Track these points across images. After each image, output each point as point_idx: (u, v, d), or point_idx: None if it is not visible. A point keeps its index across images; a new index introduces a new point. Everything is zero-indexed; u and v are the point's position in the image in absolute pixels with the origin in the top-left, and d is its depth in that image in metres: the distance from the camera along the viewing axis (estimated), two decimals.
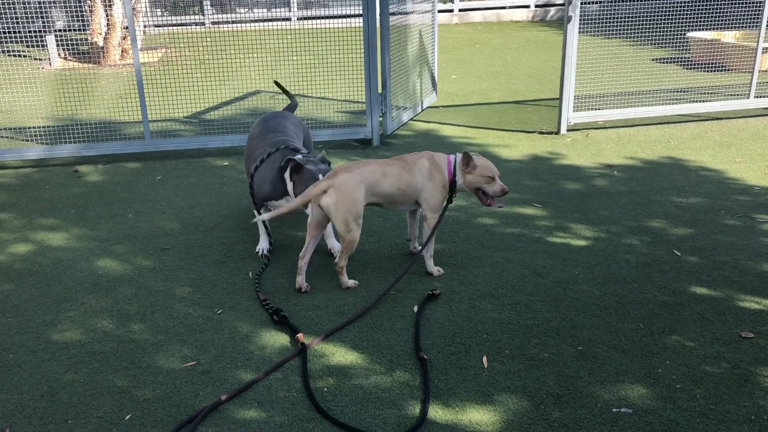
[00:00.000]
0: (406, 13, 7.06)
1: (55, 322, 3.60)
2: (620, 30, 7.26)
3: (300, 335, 3.35)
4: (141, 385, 3.07)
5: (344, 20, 6.70)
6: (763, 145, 6.40)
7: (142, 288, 3.94)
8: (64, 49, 10.16)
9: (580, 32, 6.59)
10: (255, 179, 4.18)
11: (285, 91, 5.41)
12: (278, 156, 4.14)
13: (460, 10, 15.37)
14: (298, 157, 4.00)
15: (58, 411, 2.92)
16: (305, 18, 13.07)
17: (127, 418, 2.86)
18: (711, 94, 7.66)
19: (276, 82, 5.54)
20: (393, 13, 6.58)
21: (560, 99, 6.73)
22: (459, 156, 3.88)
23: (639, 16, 7.55)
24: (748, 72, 7.45)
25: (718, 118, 7.27)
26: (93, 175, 5.92)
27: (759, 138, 6.61)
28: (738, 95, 7.48)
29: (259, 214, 4.25)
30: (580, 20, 6.57)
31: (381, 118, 6.65)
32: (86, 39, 10.63)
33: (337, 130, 6.60)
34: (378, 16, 6.29)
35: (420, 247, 4.24)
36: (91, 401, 2.97)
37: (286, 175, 4.02)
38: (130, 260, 4.28)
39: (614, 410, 2.84)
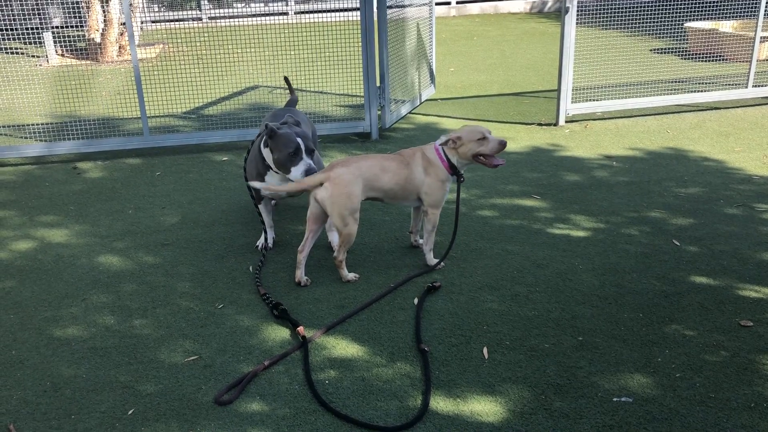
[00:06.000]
0: (403, 6, 7.05)
1: (57, 318, 3.61)
2: (618, 21, 7.26)
3: (300, 328, 3.36)
4: (143, 379, 3.09)
5: (342, 14, 6.69)
6: (762, 134, 6.40)
7: (144, 283, 3.95)
8: (61, 46, 10.15)
9: (577, 23, 6.59)
10: (247, 162, 4.19)
11: (290, 87, 5.42)
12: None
13: (458, 2, 15.35)
14: (274, 124, 3.91)
15: (61, 406, 2.93)
16: (303, 12, 13.06)
17: (130, 412, 2.88)
18: (709, 83, 7.66)
19: (286, 78, 5.54)
20: (390, 6, 6.58)
21: (558, 90, 6.73)
22: (439, 144, 3.86)
23: (636, 7, 7.54)
24: (746, 61, 7.45)
25: (716, 108, 7.28)
26: (93, 171, 5.93)
27: (757, 127, 6.61)
28: (736, 85, 7.48)
29: (257, 208, 4.25)
30: (578, 11, 6.56)
31: (379, 112, 6.65)
32: (83, 36, 10.62)
33: (336, 124, 6.60)
34: (375, 9, 6.28)
35: (421, 241, 4.26)
36: (94, 396, 2.99)
37: (262, 146, 3.93)
38: (130, 256, 4.29)
39: (615, 399, 2.85)
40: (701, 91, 7.34)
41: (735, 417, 2.73)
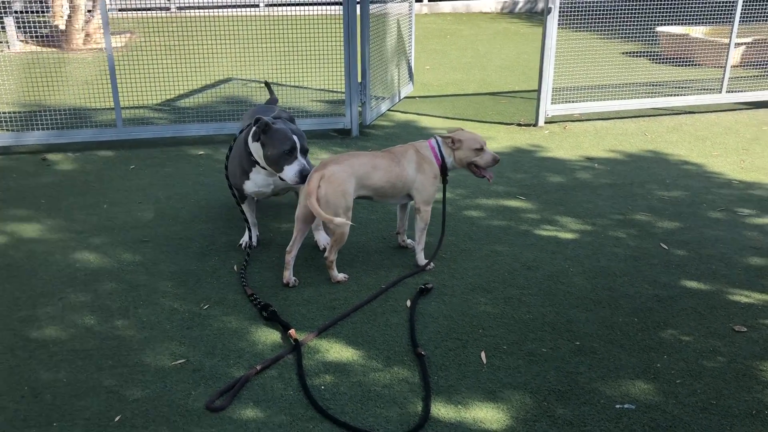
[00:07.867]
0: (385, 2, 6.95)
1: (33, 318, 3.43)
2: (591, 23, 7.25)
3: (292, 331, 3.25)
4: (129, 384, 2.94)
5: (324, 8, 6.56)
6: (737, 139, 6.48)
7: (123, 282, 3.79)
8: (23, 32, 9.77)
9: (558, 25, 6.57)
10: (229, 159, 4.05)
11: (270, 91, 5.30)
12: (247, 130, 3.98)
13: (430, 0, 15.30)
14: (268, 117, 3.74)
15: (42, 413, 2.77)
16: (276, 5, 12.83)
17: (117, 419, 2.73)
18: (684, 88, 7.73)
19: (266, 83, 5.42)
20: (373, 1, 6.47)
21: (539, 91, 6.71)
22: (439, 138, 3.87)
23: (611, 10, 7.57)
24: (717, 67, 7.54)
25: (691, 112, 7.36)
26: (63, 163, 5.70)
27: (732, 132, 6.70)
28: (710, 89, 7.57)
29: (240, 206, 4.11)
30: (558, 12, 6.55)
31: (360, 108, 6.55)
32: (47, 22, 10.25)
33: (316, 120, 6.48)
34: (358, 4, 6.17)
35: (408, 241, 4.19)
36: (77, 402, 2.83)
37: (250, 140, 3.77)
38: (108, 253, 4.12)
39: (617, 406, 2.82)
40: (677, 95, 7.41)
41: (738, 425, 2.72)
